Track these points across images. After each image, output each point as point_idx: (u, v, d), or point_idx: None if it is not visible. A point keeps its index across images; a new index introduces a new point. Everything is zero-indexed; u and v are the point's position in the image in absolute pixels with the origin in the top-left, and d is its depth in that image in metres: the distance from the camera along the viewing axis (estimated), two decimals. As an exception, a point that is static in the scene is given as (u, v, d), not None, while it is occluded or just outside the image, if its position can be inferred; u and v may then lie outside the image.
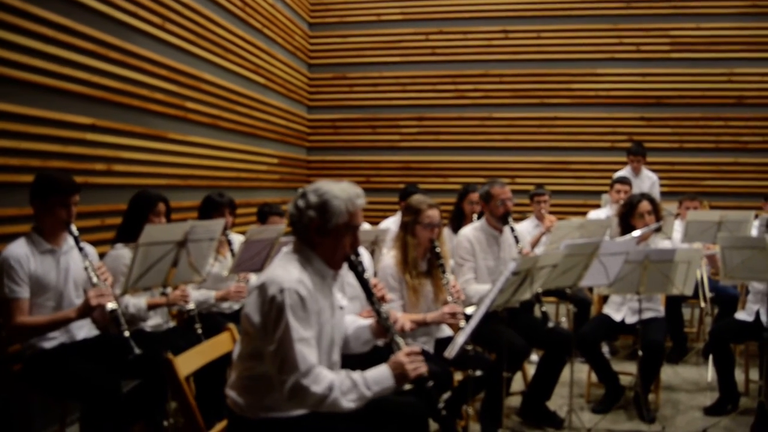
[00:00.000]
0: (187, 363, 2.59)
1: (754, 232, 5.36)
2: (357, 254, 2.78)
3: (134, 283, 3.10)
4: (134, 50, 4.90)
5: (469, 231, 4.23)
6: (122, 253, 3.56)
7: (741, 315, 4.47)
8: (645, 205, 4.46)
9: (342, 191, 2.34)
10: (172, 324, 3.91)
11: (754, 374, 4.48)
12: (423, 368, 2.30)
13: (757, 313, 4.28)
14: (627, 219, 4.52)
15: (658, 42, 8.46)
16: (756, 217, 5.55)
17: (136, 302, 3.53)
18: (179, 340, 3.49)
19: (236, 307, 4.27)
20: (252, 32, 7.09)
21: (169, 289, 3.48)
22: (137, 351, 3.02)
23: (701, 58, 8.38)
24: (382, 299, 3.15)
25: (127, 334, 3.03)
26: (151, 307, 3.59)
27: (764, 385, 3.93)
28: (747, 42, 8.30)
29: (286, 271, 2.25)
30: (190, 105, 5.75)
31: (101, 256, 3.60)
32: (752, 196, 7.61)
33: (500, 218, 4.19)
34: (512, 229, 4.21)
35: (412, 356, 2.29)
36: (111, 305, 3.03)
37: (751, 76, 8.31)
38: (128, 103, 4.84)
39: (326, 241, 2.34)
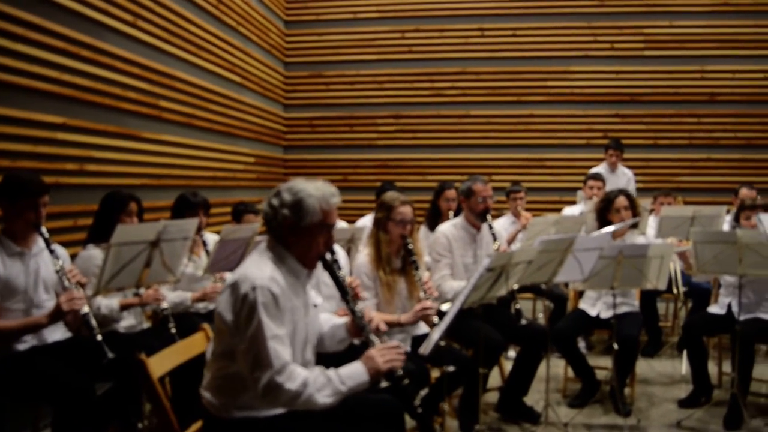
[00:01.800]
0: (161, 364, 2.56)
1: (725, 226, 5.44)
2: (332, 253, 2.77)
3: (106, 284, 3.06)
4: (106, 48, 4.84)
5: (446, 227, 4.24)
6: (93, 253, 3.51)
7: (713, 308, 4.53)
8: (622, 201, 4.50)
9: (316, 190, 2.33)
10: (146, 325, 3.86)
11: (727, 366, 4.54)
12: (396, 362, 2.30)
13: (729, 306, 4.33)
14: (604, 214, 4.54)
15: (632, 40, 8.56)
16: (728, 212, 5.63)
17: (108, 303, 3.48)
18: (153, 340, 3.44)
19: (212, 307, 4.23)
20: (227, 30, 7.03)
21: (142, 290, 3.44)
22: (110, 355, 2.98)
23: (674, 55, 8.49)
24: (356, 297, 3.15)
25: (99, 338, 2.98)
26: (124, 307, 3.54)
27: (736, 377, 3.99)
28: (719, 39, 8.42)
29: (259, 269, 2.24)
30: (163, 104, 5.69)
31: (73, 257, 3.54)
32: (725, 191, 7.70)
33: (479, 215, 4.20)
34: (490, 227, 4.22)
35: (385, 350, 2.30)
36: (84, 309, 2.99)
37: (723, 74, 8.43)
38: (100, 101, 4.78)
39: (300, 239, 2.33)
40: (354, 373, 2.24)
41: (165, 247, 3.24)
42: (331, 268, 2.44)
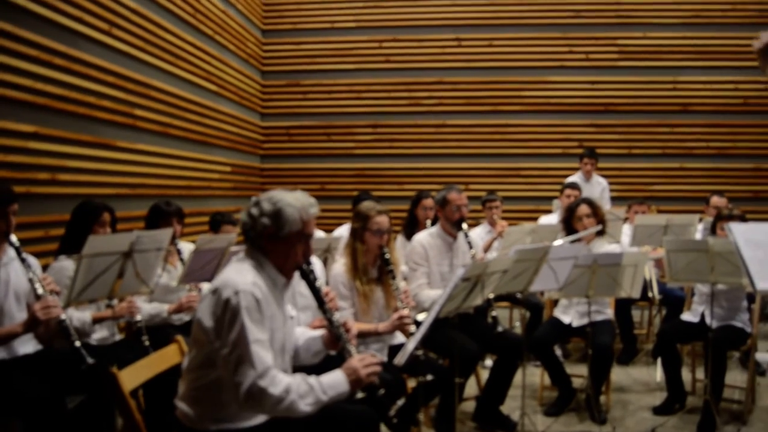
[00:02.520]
0: (133, 376, 2.52)
1: (698, 235, 5.52)
2: (308, 263, 2.76)
3: (78, 295, 3.01)
4: (80, 56, 4.80)
5: (423, 236, 4.25)
6: (65, 265, 3.45)
7: (687, 316, 4.58)
8: (583, 209, 4.58)
9: (296, 200, 2.35)
10: (119, 337, 3.81)
11: (701, 373, 4.59)
12: (376, 374, 2.31)
13: (702, 314, 4.39)
14: (569, 223, 4.63)
15: (606, 51, 8.68)
16: (700, 220, 5.71)
17: (80, 316, 3.42)
18: (127, 353, 3.39)
19: (186, 318, 4.18)
20: (203, 39, 7.01)
21: (115, 301, 3.39)
22: (90, 360, 2.93)
23: (648, 66, 8.62)
24: (333, 309, 3.14)
25: (78, 344, 2.94)
26: (97, 320, 3.49)
27: (709, 384, 4.04)
28: (691, 51, 8.57)
29: (241, 275, 2.25)
30: (138, 112, 5.65)
31: (45, 268, 3.49)
32: (698, 200, 7.81)
33: (455, 224, 4.21)
34: (466, 235, 4.24)
35: (366, 361, 2.31)
36: (61, 316, 2.94)
37: (695, 84, 8.58)
38: (74, 110, 4.73)
39: (279, 249, 2.34)
40: (335, 382, 2.25)
41: (138, 257, 3.21)
42: (309, 277, 2.44)
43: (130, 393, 2.42)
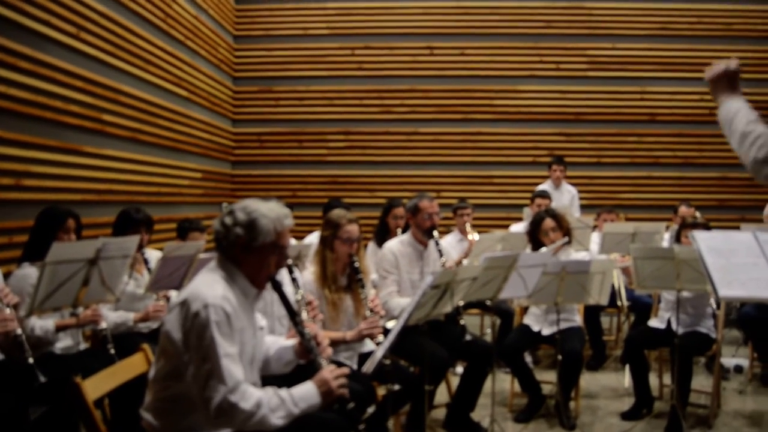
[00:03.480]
0: (97, 386, 2.47)
1: (665, 243, 5.60)
2: (291, 272, 2.75)
3: (41, 303, 2.95)
4: (47, 60, 4.72)
5: (393, 244, 4.25)
6: (28, 272, 3.38)
7: (653, 322, 4.65)
8: (548, 223, 4.63)
9: (270, 210, 2.32)
10: (84, 346, 3.74)
11: (668, 379, 4.65)
12: (346, 388, 2.30)
13: (669, 321, 4.46)
14: (535, 236, 4.66)
15: (576, 61, 8.81)
16: (667, 228, 5.81)
17: (42, 324, 3.35)
18: (92, 362, 3.33)
19: (155, 326, 4.12)
20: (174, 44, 6.94)
21: (80, 309, 3.33)
22: (42, 379, 2.87)
23: (616, 76, 8.76)
24: (315, 316, 3.13)
25: (31, 361, 2.87)
26: (60, 328, 3.41)
27: (676, 389, 4.10)
28: (658, 62, 8.74)
29: (211, 287, 2.21)
30: (107, 117, 5.57)
31: (8, 275, 3.41)
32: (665, 208, 7.95)
33: (426, 232, 4.22)
34: (437, 243, 4.25)
35: (337, 374, 2.30)
36: (16, 330, 2.87)
37: (662, 95, 8.74)
38: (40, 114, 4.65)
39: (251, 259, 2.31)
40: (307, 394, 2.24)
41: (104, 265, 3.15)
42: (281, 289, 2.43)
43: (95, 403, 2.38)
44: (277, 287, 2.41)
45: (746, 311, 5.09)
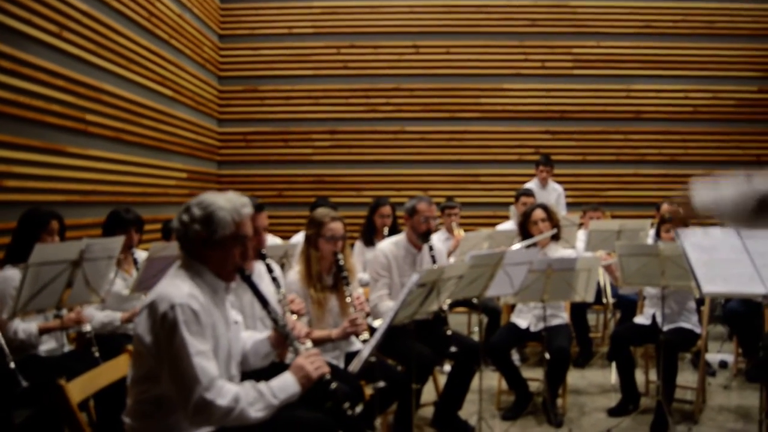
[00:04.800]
0: (81, 388, 2.45)
1: (650, 240, 5.63)
2: (270, 270, 2.73)
3: (23, 306, 2.92)
4: (28, 59, 4.67)
5: (387, 246, 4.20)
6: (11, 274, 3.34)
7: (639, 319, 4.68)
8: (538, 213, 4.66)
9: (227, 202, 2.29)
10: (68, 348, 3.70)
11: (654, 375, 4.68)
12: (324, 368, 2.30)
13: (654, 317, 4.48)
14: (525, 227, 4.69)
15: (561, 59, 8.84)
16: (652, 225, 5.84)
17: (26, 327, 3.32)
18: (76, 364, 3.30)
19: (140, 327, 4.10)
20: (158, 43, 6.90)
21: (64, 311, 3.30)
22: (24, 384, 2.84)
23: (602, 74, 8.80)
24: (299, 313, 3.11)
25: (12, 365, 2.84)
26: (44, 331, 3.38)
27: (661, 385, 4.12)
28: (643, 60, 8.79)
29: (176, 287, 2.19)
30: (90, 117, 5.52)
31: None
32: (650, 205, 8.01)
33: (421, 235, 4.18)
34: (431, 248, 4.22)
35: (312, 357, 2.29)
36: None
37: (647, 92, 8.80)
38: (22, 114, 4.60)
39: (214, 253, 2.28)
40: (285, 384, 2.23)
41: (88, 266, 3.13)
42: (250, 280, 2.41)
43: (79, 405, 2.36)
44: (247, 278, 2.39)
45: (731, 307, 5.13)
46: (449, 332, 3.88)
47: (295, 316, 3.07)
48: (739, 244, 2.64)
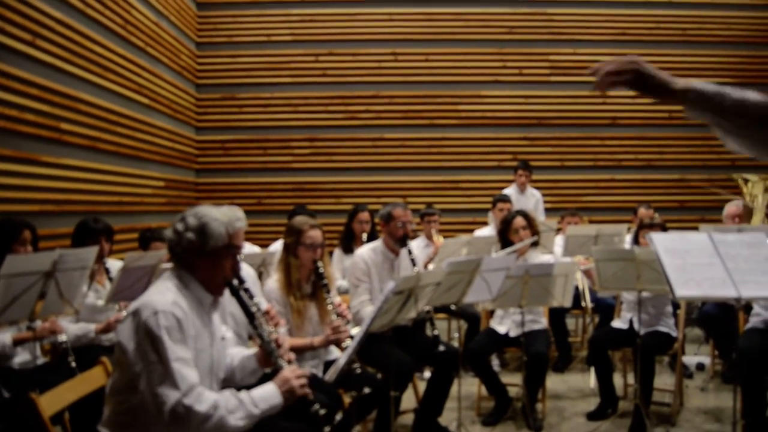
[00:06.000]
0: (54, 401, 2.43)
1: (628, 245, 5.68)
2: (241, 281, 2.70)
3: (-5, 317, 2.87)
4: (1, 68, 4.60)
5: (365, 252, 4.22)
6: (-18, 285, 3.29)
7: (617, 323, 4.71)
8: (519, 221, 4.68)
9: (222, 214, 2.32)
10: (42, 360, 3.64)
11: (632, 378, 4.71)
12: (308, 388, 2.29)
13: (631, 321, 4.52)
14: (505, 235, 4.71)
15: (538, 66, 8.92)
16: (628, 230, 5.90)
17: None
18: (51, 376, 3.24)
19: (117, 339, 4.04)
20: (134, 51, 6.84)
21: (37, 323, 3.25)
22: (5, 395, 2.79)
23: (578, 81, 8.87)
24: (276, 324, 3.09)
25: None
26: (18, 342, 3.33)
27: (639, 388, 4.16)
28: (618, 67, 8.86)
29: (161, 294, 2.19)
30: (65, 126, 5.45)
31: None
32: (627, 210, 8.09)
33: (398, 240, 4.20)
34: (410, 252, 4.23)
35: (300, 373, 2.29)
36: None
37: (623, 99, 8.89)
38: (-6, 124, 4.54)
39: (205, 264, 2.30)
40: (267, 394, 2.22)
41: (61, 277, 3.08)
42: (238, 293, 2.40)
43: (54, 418, 2.33)
44: (235, 291, 2.38)
45: (707, 310, 5.19)
46: (436, 332, 3.88)
47: (272, 328, 3.04)
48: (712, 249, 2.67)
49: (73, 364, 3.36)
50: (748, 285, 2.70)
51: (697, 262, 2.51)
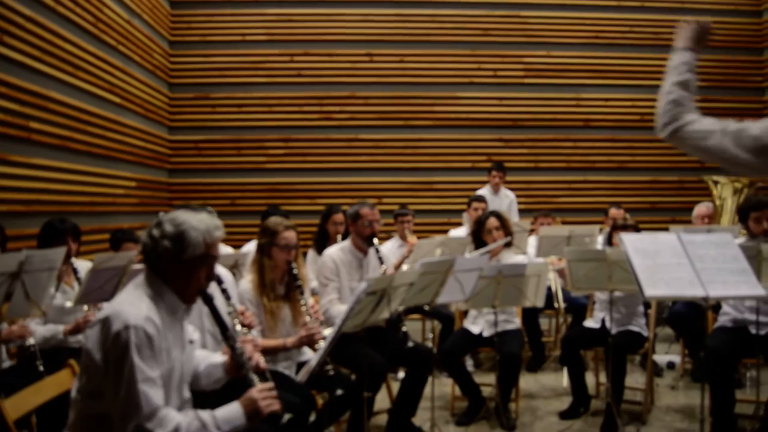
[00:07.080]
0: (19, 405, 2.38)
1: (600, 245, 5.74)
2: (219, 282, 2.68)
3: (-41, 320, 2.81)
4: (-33, 66, 4.52)
5: (333, 251, 4.23)
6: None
7: (589, 323, 4.76)
8: (492, 222, 4.70)
9: (200, 222, 2.26)
10: (9, 363, 3.58)
11: (604, 377, 4.76)
12: (276, 405, 2.24)
13: (603, 320, 4.57)
14: (479, 236, 4.73)
15: (513, 68, 8.98)
16: (600, 231, 5.96)
17: (-37, 341, 3.21)
18: (17, 379, 3.18)
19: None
20: (106, 49, 6.75)
21: (3, 325, 3.19)
22: None
23: (552, 83, 8.97)
24: (250, 326, 3.06)
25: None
26: (-17, 345, 3.27)
27: (610, 387, 4.20)
28: (592, 69, 8.99)
29: (134, 306, 2.13)
30: (34, 125, 5.36)
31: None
32: (600, 211, 8.18)
33: (366, 239, 4.21)
34: (377, 251, 4.24)
35: (265, 392, 2.23)
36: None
37: (596, 101, 9.00)
38: (-40, 122, 4.45)
39: (180, 272, 2.24)
40: (231, 415, 2.17)
41: (27, 278, 3.03)
42: (212, 303, 2.35)
43: (19, 421, 2.28)
44: (208, 301, 2.34)
45: (677, 309, 5.27)
46: (404, 329, 3.87)
47: (246, 329, 3.02)
48: (681, 249, 2.71)
49: (41, 368, 3.30)
50: (716, 285, 2.75)
51: (666, 263, 2.55)
